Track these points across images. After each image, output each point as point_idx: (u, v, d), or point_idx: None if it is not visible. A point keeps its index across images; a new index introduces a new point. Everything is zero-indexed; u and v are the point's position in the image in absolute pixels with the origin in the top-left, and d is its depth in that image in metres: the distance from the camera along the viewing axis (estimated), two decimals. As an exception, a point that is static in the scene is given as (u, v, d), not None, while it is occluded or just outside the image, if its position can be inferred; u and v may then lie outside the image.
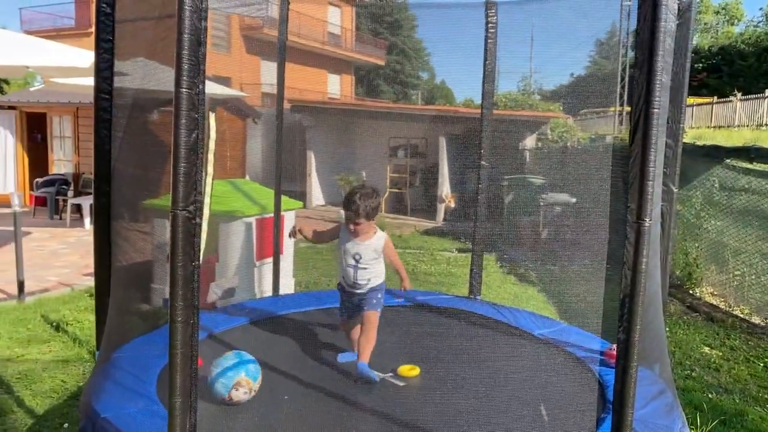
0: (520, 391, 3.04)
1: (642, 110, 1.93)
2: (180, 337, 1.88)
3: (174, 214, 1.86)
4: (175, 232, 1.87)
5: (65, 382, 4.08)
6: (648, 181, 1.90)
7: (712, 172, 7.04)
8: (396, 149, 14.10)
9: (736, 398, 4.23)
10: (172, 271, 1.88)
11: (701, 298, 6.82)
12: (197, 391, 1.98)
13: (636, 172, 1.93)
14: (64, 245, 8.73)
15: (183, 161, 1.85)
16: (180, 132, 1.85)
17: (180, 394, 1.90)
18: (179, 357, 1.89)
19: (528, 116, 13.13)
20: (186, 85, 1.84)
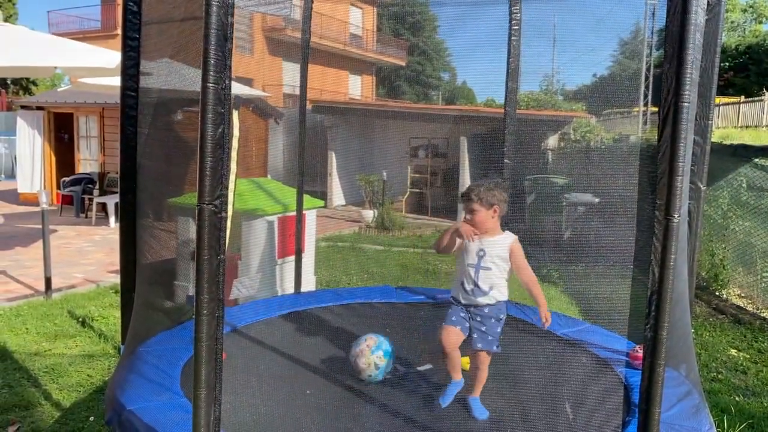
0: (544, 389, 3.02)
1: (671, 104, 1.89)
2: (205, 330, 1.90)
3: (200, 208, 1.88)
4: (201, 225, 1.89)
5: (91, 377, 4.14)
6: (677, 176, 1.87)
7: (739, 171, 6.90)
8: (417, 149, 14.08)
9: (765, 401, 4.14)
10: (198, 265, 1.89)
11: (728, 300, 6.69)
12: (221, 383, 2.00)
13: (665, 168, 1.90)
14: (90, 243, 8.88)
15: (209, 156, 1.87)
16: (206, 127, 1.87)
17: (205, 387, 1.91)
18: (204, 349, 1.90)
19: (550, 116, 13.02)
20: (213, 80, 1.86)
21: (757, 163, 6.62)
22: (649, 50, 20.35)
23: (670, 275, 1.90)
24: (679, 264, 2.48)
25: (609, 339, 3.67)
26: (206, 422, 1.94)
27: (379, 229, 11.42)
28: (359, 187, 12.92)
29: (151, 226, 3.57)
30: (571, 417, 2.76)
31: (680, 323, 2.69)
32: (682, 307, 2.73)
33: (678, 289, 2.56)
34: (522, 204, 9.39)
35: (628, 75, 18.04)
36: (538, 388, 3.04)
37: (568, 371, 3.28)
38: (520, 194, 9.30)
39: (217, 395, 1.99)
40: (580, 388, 3.03)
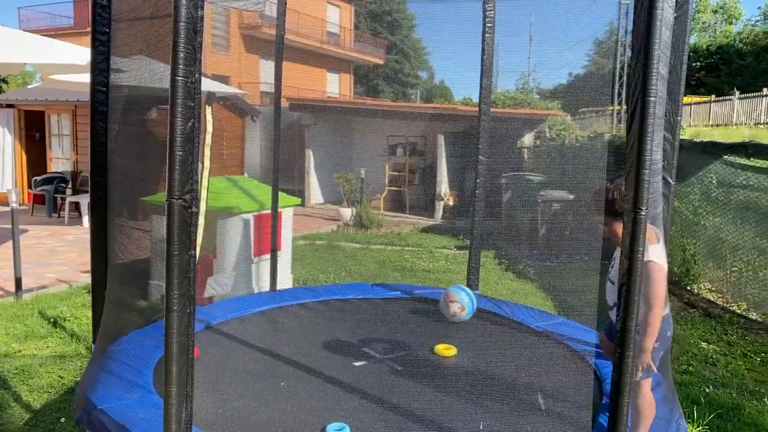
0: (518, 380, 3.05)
1: (639, 99, 1.92)
2: (176, 326, 1.88)
3: (170, 202, 1.86)
4: (170, 221, 1.87)
5: (62, 378, 4.07)
6: (644, 170, 1.90)
7: (709, 168, 7.04)
8: (395, 147, 14.10)
9: (733, 392, 4.23)
10: (168, 260, 1.88)
11: (699, 294, 6.82)
12: (193, 380, 1.98)
13: (633, 161, 1.93)
14: (63, 243, 8.72)
15: (179, 149, 1.85)
16: (176, 120, 1.85)
17: (176, 383, 1.90)
18: (175, 346, 1.89)
19: (526, 114, 13.13)
20: (182, 74, 1.84)
21: (726, 159, 6.75)
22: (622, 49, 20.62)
23: (638, 267, 1.93)
24: (649, 257, 2.52)
25: (582, 332, 3.72)
26: (177, 419, 1.92)
27: (357, 227, 11.41)
28: (337, 185, 12.90)
29: (123, 225, 3.52)
30: (543, 407, 2.80)
31: (650, 315, 2.73)
32: (651, 300, 2.78)
33: (647, 281, 2.61)
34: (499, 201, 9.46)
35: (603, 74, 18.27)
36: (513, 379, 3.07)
37: (542, 363, 3.32)
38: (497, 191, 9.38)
39: (188, 392, 1.97)
40: (554, 378, 3.07)
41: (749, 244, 6.41)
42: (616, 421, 2.02)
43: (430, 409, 2.72)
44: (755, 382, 4.44)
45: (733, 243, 6.64)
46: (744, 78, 29.76)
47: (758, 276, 6.22)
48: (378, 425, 2.61)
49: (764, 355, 4.95)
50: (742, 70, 31.13)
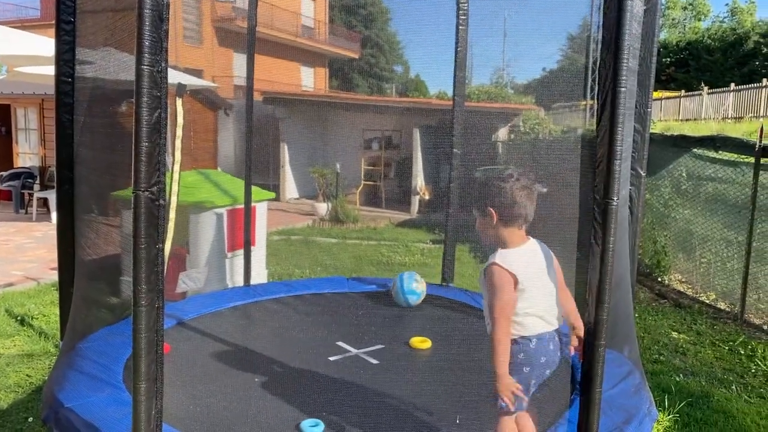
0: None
1: (609, 90, 1.94)
2: (144, 321, 1.84)
3: (136, 195, 1.82)
4: (137, 213, 1.83)
5: (30, 376, 3.97)
6: (615, 160, 1.92)
7: (679, 161, 7.16)
8: (370, 141, 14.07)
9: (703, 380, 4.31)
10: (135, 254, 1.84)
11: (669, 285, 6.94)
12: (163, 376, 1.94)
13: (604, 152, 1.95)
14: (31, 239, 8.52)
15: (145, 141, 1.81)
16: (142, 111, 1.81)
17: (145, 379, 1.86)
18: (144, 341, 1.85)
19: (500, 108, 13.21)
20: (147, 62, 1.80)
21: (695, 153, 6.87)
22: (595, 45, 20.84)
23: (609, 257, 1.95)
24: (620, 248, 2.55)
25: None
26: (147, 416, 1.88)
27: (333, 222, 11.37)
28: (312, 179, 12.82)
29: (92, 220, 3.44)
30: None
31: (621, 305, 2.77)
32: (623, 290, 2.81)
33: (618, 272, 2.64)
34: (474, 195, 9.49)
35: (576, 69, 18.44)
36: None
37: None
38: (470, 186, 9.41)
39: (158, 388, 1.94)
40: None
41: (717, 235, 6.54)
42: (589, 412, 2.04)
43: (406, 401, 2.72)
44: (723, 371, 4.54)
45: (702, 235, 6.77)
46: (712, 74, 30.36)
47: (726, 267, 6.35)
48: (353, 419, 2.60)
49: (732, 344, 5.06)
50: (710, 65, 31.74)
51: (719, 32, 33.36)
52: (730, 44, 31.11)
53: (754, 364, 4.64)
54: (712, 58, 31.83)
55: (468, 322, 3.90)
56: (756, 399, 4.05)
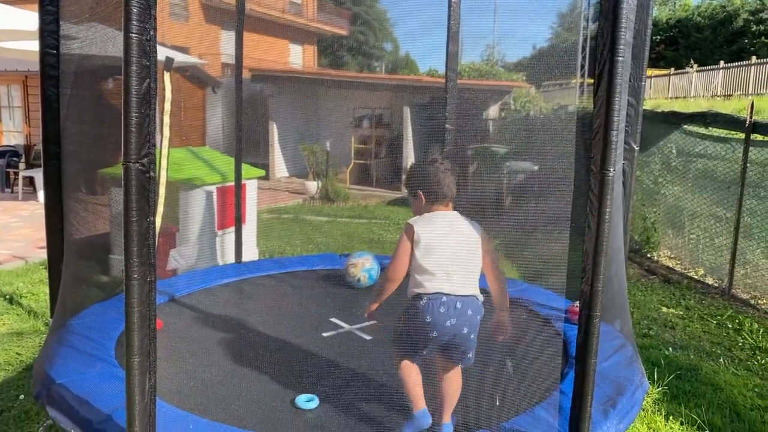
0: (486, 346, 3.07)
1: (607, 60, 1.91)
2: (137, 295, 1.82)
3: (126, 167, 1.78)
4: (128, 186, 1.79)
5: (20, 354, 3.94)
6: (612, 130, 1.90)
7: (669, 138, 7.17)
8: (360, 120, 13.97)
9: (691, 354, 4.37)
10: (126, 227, 1.80)
11: (658, 261, 7.00)
12: (156, 350, 1.92)
13: (600, 123, 1.93)
14: (17, 219, 8.42)
15: (134, 111, 1.77)
16: (130, 80, 1.76)
17: (138, 353, 1.84)
18: (136, 315, 1.83)
19: (491, 85, 13.14)
20: (136, 30, 1.75)
21: (686, 129, 6.88)
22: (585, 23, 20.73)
23: (605, 228, 1.94)
24: (615, 221, 2.55)
25: (548, 297, 3.77)
26: (141, 390, 1.87)
27: (324, 201, 11.33)
28: (302, 158, 12.73)
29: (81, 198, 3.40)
30: (511, 371, 2.83)
31: (615, 279, 2.78)
32: (617, 264, 2.82)
33: (613, 246, 2.64)
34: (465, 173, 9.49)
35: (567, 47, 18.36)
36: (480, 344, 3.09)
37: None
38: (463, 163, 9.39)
39: (151, 362, 1.92)
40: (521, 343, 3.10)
41: (706, 212, 6.59)
42: (584, 382, 2.05)
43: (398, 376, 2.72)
44: (711, 344, 4.60)
45: (692, 211, 6.82)
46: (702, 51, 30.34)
47: (714, 243, 6.41)
48: (347, 394, 2.60)
49: (720, 318, 5.12)
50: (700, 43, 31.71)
51: (709, 10, 33.28)
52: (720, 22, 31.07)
53: (741, 338, 4.71)
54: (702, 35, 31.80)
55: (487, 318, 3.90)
56: (743, 371, 4.11)
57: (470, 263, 2.24)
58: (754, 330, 4.82)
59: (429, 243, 2.20)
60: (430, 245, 2.19)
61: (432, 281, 2.16)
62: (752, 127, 5.66)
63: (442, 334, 2.19)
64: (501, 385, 2.73)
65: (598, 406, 2.36)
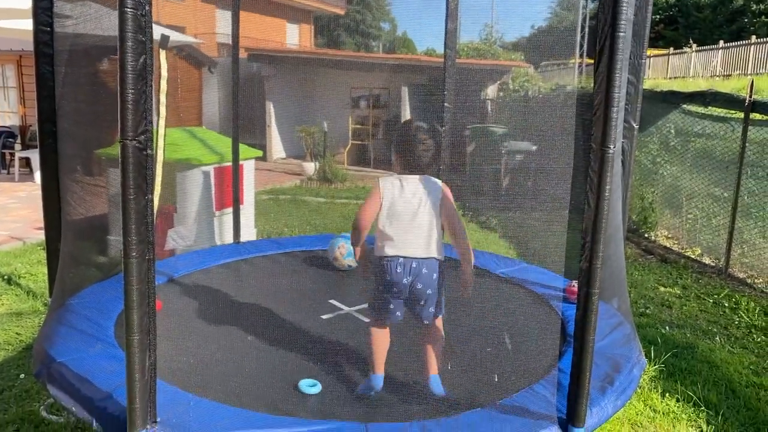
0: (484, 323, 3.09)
1: (608, 35, 1.89)
2: (136, 273, 1.82)
3: (123, 144, 1.77)
4: (125, 163, 1.78)
5: (20, 335, 3.95)
6: (612, 107, 1.89)
7: (668, 117, 7.14)
8: (358, 100, 13.88)
9: (688, 333, 4.40)
10: (124, 205, 1.79)
11: (656, 241, 7.02)
12: (156, 328, 1.93)
13: (601, 99, 1.92)
14: (14, 200, 8.39)
15: (131, 88, 1.75)
16: (126, 56, 1.74)
17: (138, 331, 1.84)
18: (135, 293, 1.83)
19: (489, 65, 13.05)
20: (131, 5, 1.72)
21: (684, 108, 6.85)
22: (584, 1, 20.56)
23: (605, 206, 1.94)
24: (614, 200, 2.54)
25: (546, 277, 3.78)
26: (141, 368, 1.88)
27: (321, 182, 11.30)
28: (299, 138, 12.67)
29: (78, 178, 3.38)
30: (510, 347, 2.85)
31: (614, 257, 2.78)
32: (616, 242, 2.82)
33: (612, 224, 2.64)
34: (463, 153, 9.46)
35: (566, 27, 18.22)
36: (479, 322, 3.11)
37: (507, 306, 3.37)
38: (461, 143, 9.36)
39: (151, 340, 1.92)
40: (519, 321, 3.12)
41: (704, 191, 6.59)
42: (582, 359, 2.06)
43: (398, 359, 2.73)
44: (708, 323, 4.63)
45: (690, 191, 6.82)
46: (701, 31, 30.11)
47: (712, 223, 6.42)
48: (348, 375, 2.62)
49: (717, 297, 5.15)
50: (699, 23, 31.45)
51: (709, -12, 32.96)
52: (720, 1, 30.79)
53: (737, 316, 4.74)
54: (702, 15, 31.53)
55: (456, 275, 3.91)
56: (739, 349, 4.14)
57: (429, 228, 2.40)
58: (750, 309, 4.85)
59: (391, 210, 2.38)
60: (392, 213, 2.38)
61: (393, 247, 2.37)
62: (751, 106, 5.64)
63: (400, 290, 2.42)
64: (500, 362, 2.75)
65: (595, 383, 2.38)
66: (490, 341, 2.92)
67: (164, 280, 3.55)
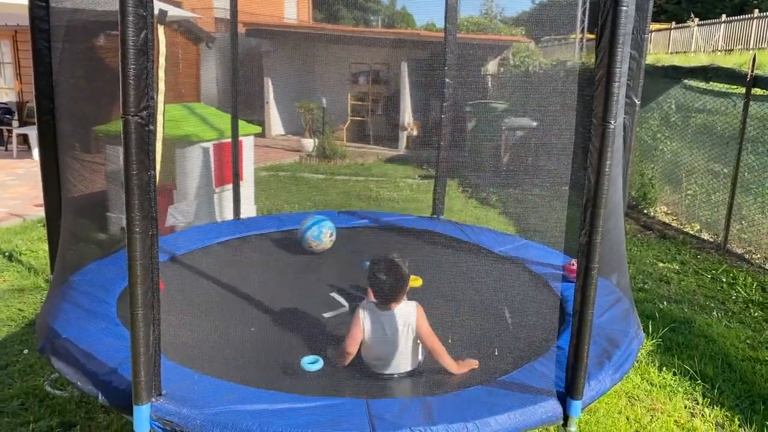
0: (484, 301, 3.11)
1: (610, 9, 1.88)
2: (139, 248, 1.83)
3: (125, 120, 1.76)
4: (127, 139, 1.78)
5: (22, 311, 3.99)
6: (614, 82, 1.88)
7: (669, 93, 7.10)
8: (357, 76, 13.76)
9: (685, 307, 4.44)
10: (127, 181, 1.80)
11: (655, 217, 7.04)
12: (159, 303, 1.94)
13: (602, 74, 1.91)
14: (13, 177, 8.37)
15: (132, 63, 1.74)
16: (127, 31, 1.73)
17: (142, 306, 1.86)
18: (139, 268, 1.84)
19: (490, 40, 12.92)
20: (130, -22, 1.70)
21: (686, 84, 6.81)
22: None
23: (605, 181, 1.94)
24: (614, 175, 2.55)
25: (546, 254, 3.80)
26: (145, 341, 1.90)
27: (320, 158, 11.27)
28: (298, 115, 12.59)
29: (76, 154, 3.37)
30: (510, 321, 2.88)
31: (613, 232, 2.79)
32: (615, 218, 2.83)
33: (613, 199, 2.65)
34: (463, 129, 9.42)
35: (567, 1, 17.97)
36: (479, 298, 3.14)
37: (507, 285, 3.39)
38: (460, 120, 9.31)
39: (155, 315, 1.94)
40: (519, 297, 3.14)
41: (704, 167, 6.59)
42: (580, 333, 2.08)
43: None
44: (705, 298, 4.67)
45: (689, 167, 6.81)
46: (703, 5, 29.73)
47: (711, 199, 6.43)
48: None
49: (715, 273, 5.18)
50: (702, -4, 31.03)
51: (713, -39, 32.46)
52: (724, -26, 30.34)
53: (735, 291, 4.78)
54: (704, -12, 31.09)
55: (457, 255, 3.93)
56: (736, 324, 4.19)
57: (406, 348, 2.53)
58: (747, 284, 4.89)
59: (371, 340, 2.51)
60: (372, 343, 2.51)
61: (376, 367, 2.54)
62: (753, 81, 5.61)
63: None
64: (500, 338, 2.78)
65: (594, 358, 2.41)
66: (490, 319, 2.95)
67: (165, 257, 3.56)
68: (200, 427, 1.94)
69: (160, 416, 1.97)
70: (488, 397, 2.17)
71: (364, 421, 1.99)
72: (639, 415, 3.03)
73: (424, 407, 2.08)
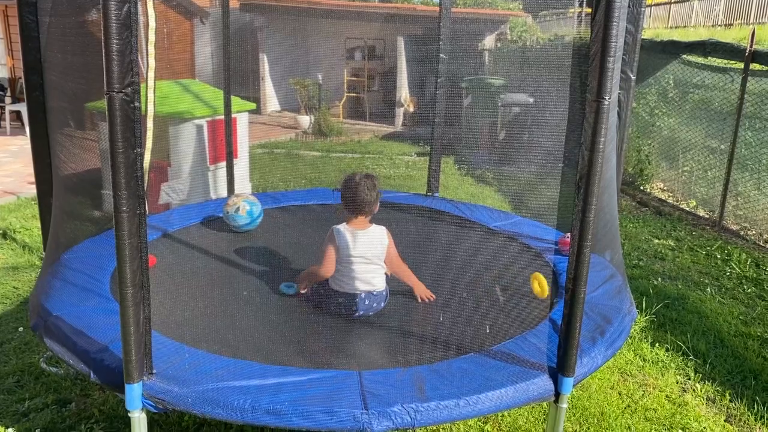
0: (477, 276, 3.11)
1: (606, -18, 1.84)
2: (127, 228, 1.81)
3: (110, 96, 1.73)
4: (112, 116, 1.75)
5: (17, 288, 3.98)
6: (609, 57, 1.85)
7: (667, 68, 7.04)
8: (353, 51, 13.61)
9: (679, 284, 4.45)
10: (113, 159, 1.77)
11: (651, 194, 7.03)
12: (149, 282, 1.94)
13: (597, 49, 1.88)
14: (6, 154, 8.31)
15: (115, 37, 1.71)
16: (109, 4, 1.68)
17: (131, 285, 1.85)
18: (127, 248, 1.83)
19: (487, 14, 12.76)
20: (112, -50, 1.65)
21: (684, 59, 6.75)
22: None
23: (599, 158, 1.92)
24: (608, 151, 2.53)
25: (539, 230, 3.79)
26: (135, 321, 1.89)
27: (316, 135, 11.19)
28: (294, 91, 12.47)
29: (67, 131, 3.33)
30: (501, 299, 2.88)
31: (607, 209, 2.78)
32: (609, 194, 2.82)
33: (606, 175, 2.63)
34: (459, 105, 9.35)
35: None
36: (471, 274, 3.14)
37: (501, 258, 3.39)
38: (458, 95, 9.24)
39: (145, 294, 1.93)
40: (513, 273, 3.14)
41: (701, 144, 6.56)
42: (573, 309, 2.08)
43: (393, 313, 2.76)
44: (700, 274, 4.68)
45: (686, 143, 6.78)
46: (705, -22, 29.33)
47: (707, 175, 6.41)
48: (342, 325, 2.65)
49: (709, 249, 5.19)
50: (703, -30, 30.61)
51: (714, -66, 31.94)
52: (725, -53, 29.89)
53: (729, 268, 4.79)
54: (706, -38, 30.66)
55: (452, 231, 3.92)
56: (729, 300, 4.21)
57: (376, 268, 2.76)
58: (742, 260, 4.90)
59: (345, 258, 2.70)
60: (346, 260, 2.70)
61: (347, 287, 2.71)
62: (752, 57, 5.56)
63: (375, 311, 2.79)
64: (493, 312, 2.78)
65: (587, 334, 2.42)
66: (483, 292, 2.95)
67: (158, 234, 3.55)
68: (191, 404, 1.94)
69: (151, 394, 1.97)
70: (479, 368, 2.17)
71: (356, 396, 1.99)
72: (631, 391, 3.06)
73: (416, 381, 2.08)
